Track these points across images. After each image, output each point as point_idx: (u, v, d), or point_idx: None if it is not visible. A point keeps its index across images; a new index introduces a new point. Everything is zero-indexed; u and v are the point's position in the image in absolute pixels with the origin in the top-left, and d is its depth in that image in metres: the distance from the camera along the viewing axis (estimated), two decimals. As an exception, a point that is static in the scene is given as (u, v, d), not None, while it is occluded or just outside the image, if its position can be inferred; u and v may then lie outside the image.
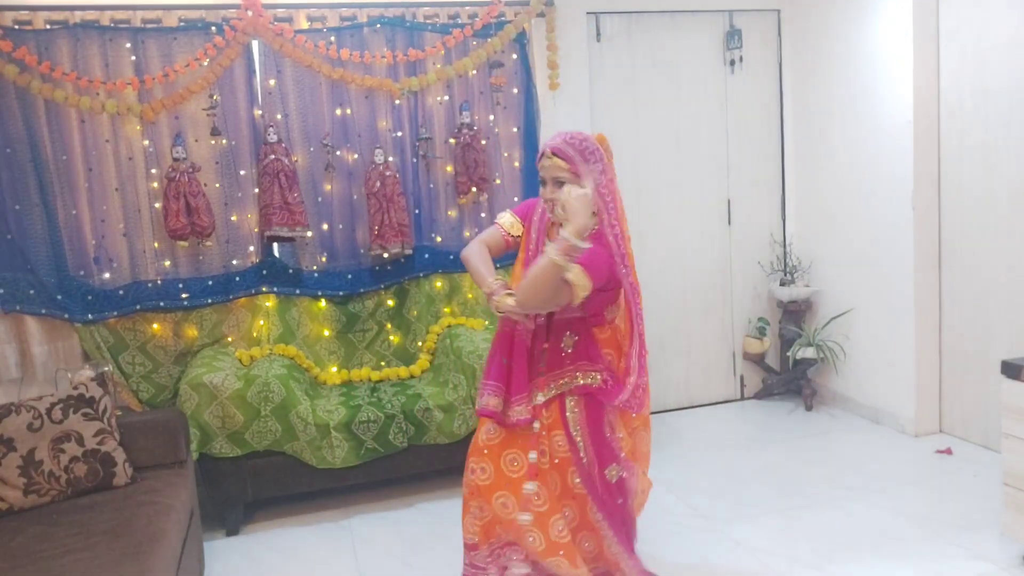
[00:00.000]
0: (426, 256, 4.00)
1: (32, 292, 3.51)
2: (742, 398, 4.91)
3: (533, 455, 2.37)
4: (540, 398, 2.38)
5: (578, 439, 2.37)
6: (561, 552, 2.33)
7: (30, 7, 3.47)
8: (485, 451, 2.42)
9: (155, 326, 3.69)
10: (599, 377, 2.37)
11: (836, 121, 4.40)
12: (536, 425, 2.38)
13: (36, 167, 3.49)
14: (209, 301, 3.72)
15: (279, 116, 3.77)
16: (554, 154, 2.25)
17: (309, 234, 3.83)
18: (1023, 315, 3.56)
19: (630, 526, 2.51)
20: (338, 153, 3.87)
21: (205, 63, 3.64)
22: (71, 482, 2.63)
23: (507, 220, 2.53)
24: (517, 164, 4.16)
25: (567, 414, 2.38)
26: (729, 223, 4.76)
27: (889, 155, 4.04)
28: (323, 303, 3.95)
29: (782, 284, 4.70)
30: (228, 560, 3.16)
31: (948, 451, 3.82)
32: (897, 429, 4.15)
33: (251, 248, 3.81)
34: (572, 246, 2.09)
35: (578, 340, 2.38)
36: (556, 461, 2.38)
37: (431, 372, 3.84)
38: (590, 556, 2.44)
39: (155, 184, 3.66)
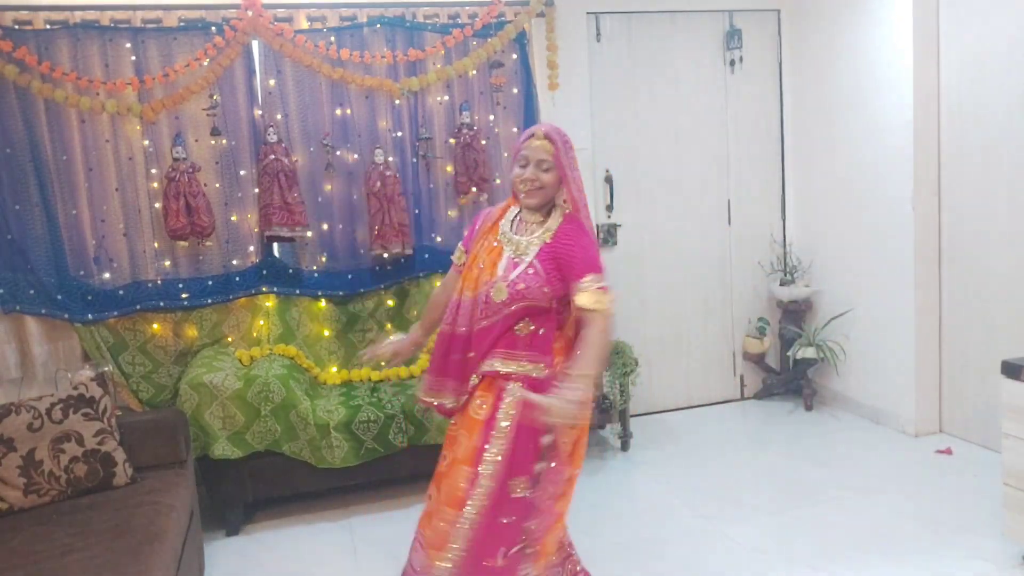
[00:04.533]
0: (426, 256, 3.99)
1: (32, 292, 3.51)
2: (742, 398, 4.90)
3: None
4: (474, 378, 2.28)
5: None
6: None
7: (30, 7, 3.47)
8: None
9: (155, 326, 3.69)
10: (546, 371, 2.18)
11: (836, 121, 4.40)
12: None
13: (36, 167, 3.49)
14: (209, 301, 3.71)
15: (279, 116, 3.77)
16: (545, 136, 2.21)
17: (309, 234, 3.83)
18: (1023, 315, 3.57)
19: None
20: (338, 153, 3.87)
21: (205, 63, 3.64)
22: (71, 482, 2.63)
23: (457, 256, 2.46)
24: (517, 164, 4.15)
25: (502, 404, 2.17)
26: (729, 223, 4.76)
27: (889, 155, 4.04)
28: (323, 303, 3.95)
29: (782, 284, 4.70)
30: (228, 560, 3.16)
31: (948, 451, 3.82)
32: (897, 429, 4.15)
33: (251, 248, 3.81)
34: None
35: (535, 331, 2.22)
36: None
37: (431, 372, 3.83)
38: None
39: (155, 184, 3.66)
